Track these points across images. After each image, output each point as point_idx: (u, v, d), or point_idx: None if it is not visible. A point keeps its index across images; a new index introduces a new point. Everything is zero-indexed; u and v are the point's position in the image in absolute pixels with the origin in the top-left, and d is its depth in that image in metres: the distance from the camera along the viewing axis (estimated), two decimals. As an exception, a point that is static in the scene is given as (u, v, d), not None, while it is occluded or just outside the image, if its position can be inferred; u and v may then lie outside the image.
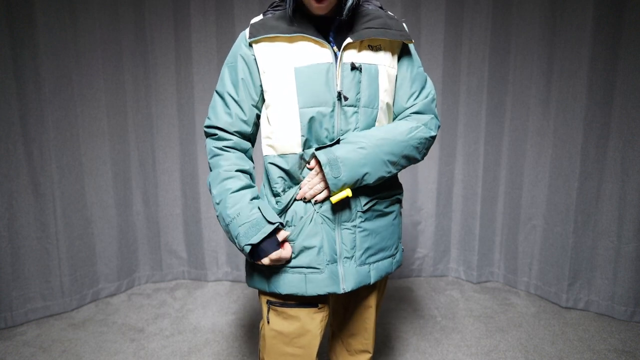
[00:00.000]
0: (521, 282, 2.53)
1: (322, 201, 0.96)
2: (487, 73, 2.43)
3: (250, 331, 2.05)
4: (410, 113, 1.02)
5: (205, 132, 1.03)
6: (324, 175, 0.94)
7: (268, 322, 1.02)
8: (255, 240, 0.90)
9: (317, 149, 0.93)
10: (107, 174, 2.36)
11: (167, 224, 2.63)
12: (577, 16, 2.10)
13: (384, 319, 2.16)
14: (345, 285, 0.97)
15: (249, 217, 0.92)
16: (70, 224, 2.23)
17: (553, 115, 2.27)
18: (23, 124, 2.04)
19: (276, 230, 0.93)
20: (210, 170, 1.01)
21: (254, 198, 0.97)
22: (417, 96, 1.03)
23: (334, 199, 0.93)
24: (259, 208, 0.94)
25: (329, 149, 0.93)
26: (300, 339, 1.01)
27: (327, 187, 0.95)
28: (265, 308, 1.03)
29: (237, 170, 0.97)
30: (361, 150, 0.92)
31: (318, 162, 0.95)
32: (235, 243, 0.94)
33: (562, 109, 2.22)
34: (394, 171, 0.98)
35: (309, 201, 0.96)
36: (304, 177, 0.98)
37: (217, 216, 0.97)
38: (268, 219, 0.92)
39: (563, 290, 2.29)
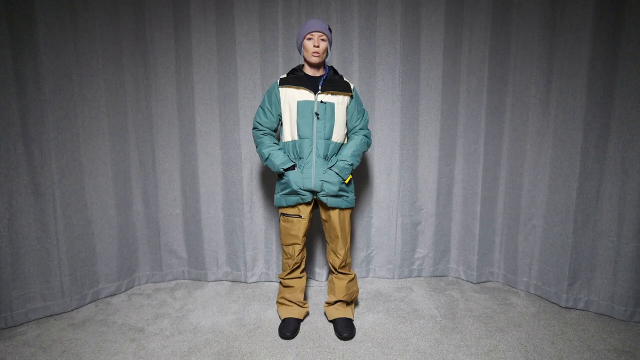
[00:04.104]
0: (521, 282, 2.53)
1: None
2: (487, 73, 2.43)
3: (251, 331, 2.05)
4: (358, 129, 2.02)
5: (254, 126, 2.03)
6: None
7: (280, 222, 2.07)
8: (287, 166, 1.93)
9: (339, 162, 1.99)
10: (107, 174, 2.36)
11: (167, 224, 2.63)
12: (577, 16, 2.11)
13: (383, 318, 2.16)
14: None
15: (284, 158, 1.94)
16: (70, 224, 2.23)
17: (553, 115, 2.27)
18: (23, 124, 2.04)
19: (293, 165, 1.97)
20: (257, 144, 2.01)
21: (282, 151, 1.98)
22: (360, 120, 2.03)
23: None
24: (287, 156, 1.96)
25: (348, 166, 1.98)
26: (293, 229, 2.02)
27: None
28: (280, 216, 2.06)
29: (274, 143, 2.00)
30: (352, 158, 1.98)
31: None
32: (276, 169, 1.94)
33: (562, 109, 2.22)
34: (360, 160, 2.02)
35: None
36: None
37: (266, 159, 1.96)
38: (292, 159, 1.96)
39: (563, 290, 2.29)
